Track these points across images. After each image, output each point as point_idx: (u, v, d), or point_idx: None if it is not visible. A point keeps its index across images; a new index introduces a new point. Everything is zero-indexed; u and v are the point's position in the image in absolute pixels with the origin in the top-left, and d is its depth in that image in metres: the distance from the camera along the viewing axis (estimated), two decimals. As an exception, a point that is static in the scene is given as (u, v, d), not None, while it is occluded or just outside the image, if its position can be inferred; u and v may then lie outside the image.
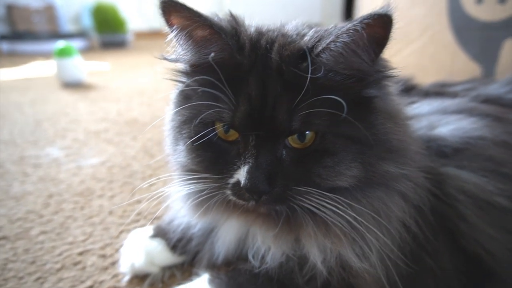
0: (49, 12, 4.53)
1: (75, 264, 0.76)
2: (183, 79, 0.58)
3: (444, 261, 0.58)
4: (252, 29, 0.55)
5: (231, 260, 0.67)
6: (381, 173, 0.52)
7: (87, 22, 4.55)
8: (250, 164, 0.50)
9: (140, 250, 0.71)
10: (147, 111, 1.85)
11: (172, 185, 0.66)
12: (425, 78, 1.07)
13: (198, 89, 0.53)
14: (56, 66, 2.33)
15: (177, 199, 0.66)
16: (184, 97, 0.57)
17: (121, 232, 0.86)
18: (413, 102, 0.82)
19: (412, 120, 0.73)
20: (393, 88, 0.58)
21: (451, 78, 1.05)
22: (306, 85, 0.46)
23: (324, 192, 0.50)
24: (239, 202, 0.54)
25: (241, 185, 0.50)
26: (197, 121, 0.53)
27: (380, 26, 0.44)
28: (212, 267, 0.68)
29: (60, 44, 2.30)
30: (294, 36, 0.53)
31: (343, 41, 0.45)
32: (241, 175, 0.50)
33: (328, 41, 0.46)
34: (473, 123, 0.68)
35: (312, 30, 0.53)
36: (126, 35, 4.48)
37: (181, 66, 0.58)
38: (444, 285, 0.58)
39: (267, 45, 0.51)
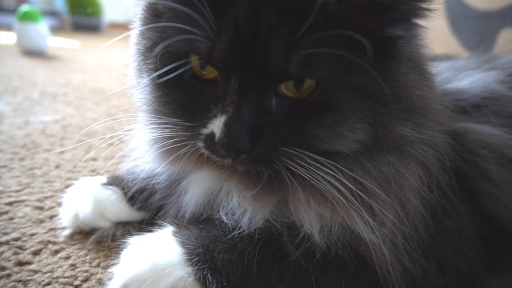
0: (19, -12, 4.24)
1: (0, 214, 0.59)
2: None
3: (464, 224, 0.49)
4: None
5: (201, 216, 0.53)
6: (394, 136, 0.41)
7: (59, 3, 4.29)
8: (229, 114, 0.38)
9: (88, 198, 0.56)
10: (116, 83, 1.68)
11: (135, 125, 0.54)
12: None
13: (169, 5, 0.39)
14: (18, 31, 2.10)
15: (141, 142, 0.53)
16: (153, 13, 0.44)
17: (68, 186, 0.69)
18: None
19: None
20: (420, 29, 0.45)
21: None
22: (315, 11, 0.34)
23: (317, 157, 0.39)
24: (213, 157, 0.42)
25: (216, 139, 0.38)
26: (164, 49, 0.40)
27: None
28: (179, 222, 0.54)
29: (24, 7, 2.09)
30: None
31: None
32: (217, 126, 0.38)
33: None
34: (496, 75, 0.60)
35: None
36: (100, 20, 4.26)
37: None
38: (461, 254, 0.49)
39: None
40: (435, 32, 1.39)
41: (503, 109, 0.57)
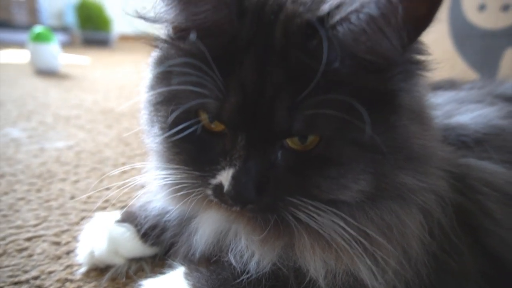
0: (30, 5, 4.36)
1: (20, 251, 0.62)
2: (164, 45, 0.47)
3: (468, 264, 0.50)
4: None
5: (211, 256, 0.55)
6: (396, 185, 0.43)
7: (70, 18, 4.40)
8: (237, 167, 0.40)
9: (103, 236, 0.58)
10: (126, 103, 1.72)
11: (147, 169, 0.56)
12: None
13: (180, 68, 0.42)
14: (31, 51, 2.17)
15: (153, 185, 0.56)
16: (164, 67, 0.46)
17: (83, 218, 0.73)
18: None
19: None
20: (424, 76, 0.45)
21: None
22: (317, 76, 0.36)
23: (322, 206, 0.41)
24: (222, 204, 0.44)
25: (224, 190, 0.40)
26: (176, 107, 0.42)
27: (423, 2, 0.33)
28: (190, 261, 0.56)
29: (37, 28, 2.15)
30: (309, 1, 0.40)
31: (368, 13, 0.34)
32: (225, 178, 0.41)
33: (350, 9, 0.35)
34: (497, 111, 0.61)
35: None
36: (110, 34, 4.35)
37: (162, 29, 0.47)
38: (464, 290, 0.49)
39: (272, 15, 0.39)
40: (441, 51, 1.42)
41: (505, 144, 0.58)
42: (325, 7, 0.37)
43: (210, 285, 0.47)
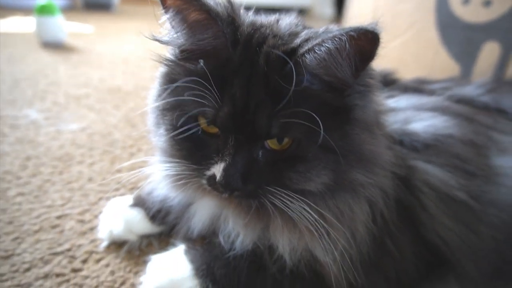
0: (30, -36, 4.28)
1: (53, 227, 0.77)
2: (171, 63, 0.58)
3: (404, 247, 0.64)
4: (247, 22, 0.54)
5: (206, 235, 0.70)
6: (350, 180, 0.55)
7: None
8: (227, 162, 0.51)
9: (119, 218, 0.73)
10: (131, 80, 1.82)
11: (152, 162, 0.68)
12: (406, 73, 1.11)
13: (185, 84, 0.53)
14: (36, 24, 2.22)
15: (157, 175, 0.68)
16: (170, 80, 0.57)
17: (100, 199, 0.87)
18: (392, 96, 0.86)
19: (390, 113, 0.77)
20: (376, 94, 0.59)
21: (431, 75, 1.10)
22: (289, 95, 0.48)
23: (292, 194, 0.53)
24: (214, 192, 0.56)
25: (216, 180, 0.52)
26: (180, 113, 0.54)
27: (365, 41, 0.44)
28: (189, 239, 0.71)
29: (41, 0, 2.20)
30: (286, 36, 0.53)
31: (327, 46, 0.45)
32: (217, 170, 0.52)
33: (314, 42, 0.46)
34: (445, 122, 0.73)
35: (304, 32, 0.53)
36: (112, -3, 4.30)
37: (171, 50, 0.58)
38: (402, 269, 0.64)
39: (257, 46, 0.51)
40: (425, 40, 1.54)
41: (449, 149, 0.70)
42: (297, 41, 0.50)
43: (204, 260, 0.62)
